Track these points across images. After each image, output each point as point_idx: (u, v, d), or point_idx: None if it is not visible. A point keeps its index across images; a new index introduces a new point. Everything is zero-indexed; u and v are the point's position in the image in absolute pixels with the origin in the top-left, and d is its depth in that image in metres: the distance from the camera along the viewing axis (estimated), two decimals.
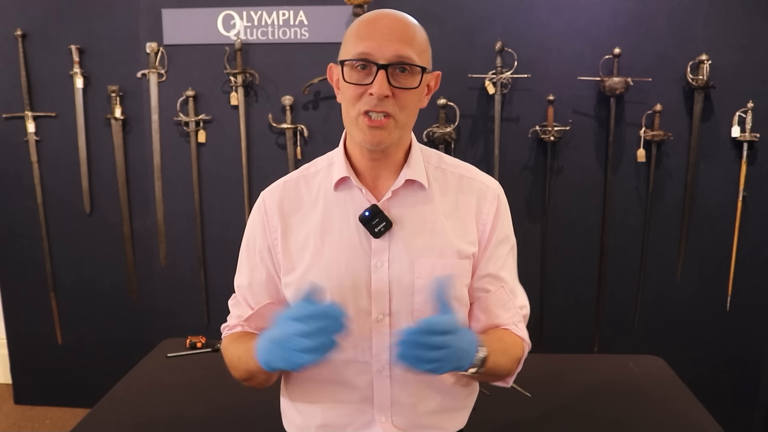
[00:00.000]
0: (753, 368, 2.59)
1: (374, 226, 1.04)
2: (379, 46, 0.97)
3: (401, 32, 0.99)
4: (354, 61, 0.98)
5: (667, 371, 1.91)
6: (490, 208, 1.09)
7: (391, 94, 0.97)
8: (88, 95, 2.64)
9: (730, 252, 2.49)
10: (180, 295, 2.77)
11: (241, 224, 2.67)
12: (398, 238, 1.06)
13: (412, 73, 0.99)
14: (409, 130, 1.07)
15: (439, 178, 1.10)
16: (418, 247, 1.05)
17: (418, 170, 1.07)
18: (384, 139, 1.00)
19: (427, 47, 1.04)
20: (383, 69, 0.96)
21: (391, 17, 1.00)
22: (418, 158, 1.09)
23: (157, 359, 1.99)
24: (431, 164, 1.11)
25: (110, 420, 1.60)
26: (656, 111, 2.38)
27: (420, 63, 0.99)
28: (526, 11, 2.42)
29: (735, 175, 2.44)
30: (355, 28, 1.01)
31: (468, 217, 1.09)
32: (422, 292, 1.04)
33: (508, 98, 2.46)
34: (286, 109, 2.52)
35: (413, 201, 1.08)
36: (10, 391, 2.98)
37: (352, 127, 1.03)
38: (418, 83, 1.00)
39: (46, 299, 2.83)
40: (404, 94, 0.99)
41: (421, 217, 1.07)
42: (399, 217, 1.06)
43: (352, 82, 0.99)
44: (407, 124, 1.04)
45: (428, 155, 1.13)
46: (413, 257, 1.05)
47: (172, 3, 2.53)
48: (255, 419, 1.62)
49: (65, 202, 2.74)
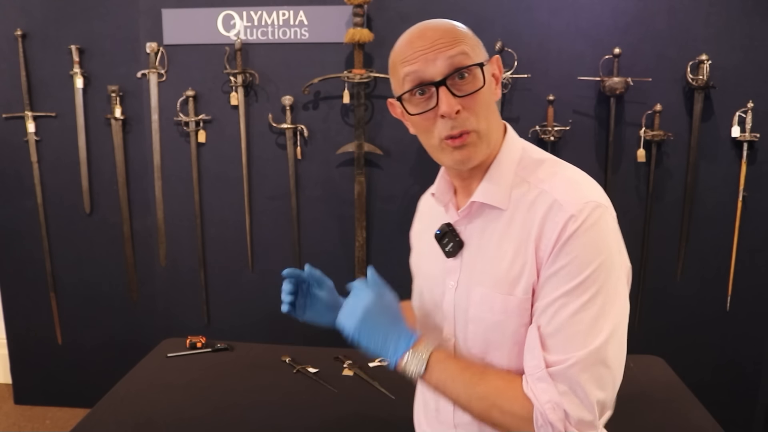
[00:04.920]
0: (753, 368, 2.58)
1: (445, 245, 1.01)
2: (425, 63, 0.89)
3: (441, 39, 0.90)
4: (409, 91, 0.92)
5: (667, 371, 1.91)
6: (554, 230, 0.87)
7: (461, 107, 0.89)
8: (88, 95, 2.64)
9: (730, 252, 2.49)
10: (180, 295, 2.77)
11: (241, 224, 2.69)
12: (467, 260, 0.99)
13: (472, 74, 0.90)
14: (495, 134, 0.96)
15: (524, 194, 0.93)
16: (478, 273, 0.97)
17: (492, 188, 0.95)
18: (473, 156, 0.93)
19: (474, 38, 0.95)
20: (442, 85, 0.88)
21: (423, 29, 0.93)
22: (500, 172, 0.96)
23: (157, 359, 2.00)
24: (521, 176, 0.95)
25: (110, 420, 1.60)
26: (656, 111, 2.38)
27: (475, 60, 0.91)
28: (526, 11, 2.42)
29: (735, 175, 2.43)
30: (395, 57, 0.96)
31: (528, 241, 0.90)
32: (474, 322, 0.97)
33: (508, 98, 2.46)
34: (286, 109, 2.52)
35: (486, 220, 0.97)
36: (10, 391, 2.98)
37: (438, 155, 0.96)
38: (482, 82, 0.91)
39: (46, 299, 2.83)
40: (474, 100, 0.90)
41: (489, 240, 0.96)
42: (470, 238, 0.99)
43: (418, 113, 0.93)
44: (490, 129, 0.94)
45: (526, 164, 0.97)
46: (472, 284, 0.98)
47: (172, 3, 2.53)
48: (255, 419, 1.62)
49: (65, 202, 2.75)
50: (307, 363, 1.93)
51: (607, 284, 0.86)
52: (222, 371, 1.90)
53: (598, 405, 0.86)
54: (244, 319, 2.75)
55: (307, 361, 1.94)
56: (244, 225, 2.67)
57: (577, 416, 0.85)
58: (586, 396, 0.85)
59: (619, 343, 0.89)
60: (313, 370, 1.90)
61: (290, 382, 1.83)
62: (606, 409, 0.89)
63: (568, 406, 0.85)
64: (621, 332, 0.89)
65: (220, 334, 2.61)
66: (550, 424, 0.86)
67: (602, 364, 0.86)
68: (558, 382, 0.86)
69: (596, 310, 0.85)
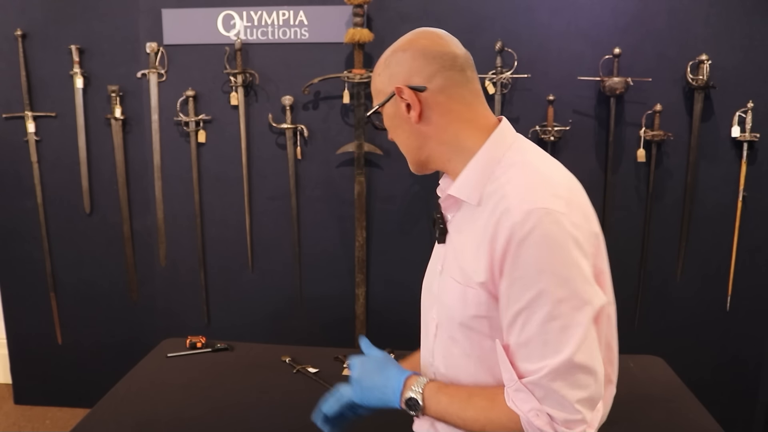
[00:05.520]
0: (753, 368, 2.58)
1: (435, 231, 1.08)
2: None
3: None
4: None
5: (667, 371, 1.91)
6: (502, 234, 0.88)
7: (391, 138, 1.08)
8: (88, 95, 2.64)
9: (730, 252, 2.49)
10: (180, 295, 2.77)
11: (241, 224, 2.69)
12: (449, 247, 1.04)
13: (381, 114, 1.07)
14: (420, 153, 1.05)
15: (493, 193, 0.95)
16: (450, 260, 1.03)
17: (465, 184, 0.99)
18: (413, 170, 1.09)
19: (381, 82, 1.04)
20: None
21: None
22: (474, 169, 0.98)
23: (157, 359, 1.99)
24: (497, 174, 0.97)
25: (110, 420, 1.60)
26: (656, 111, 2.38)
27: (378, 100, 1.05)
28: (526, 11, 2.42)
29: (735, 175, 2.43)
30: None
31: (484, 240, 0.92)
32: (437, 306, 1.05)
33: (508, 98, 2.46)
34: (286, 109, 2.52)
35: (464, 213, 1.02)
36: (10, 391, 2.98)
37: None
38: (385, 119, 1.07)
39: (46, 299, 2.83)
40: (389, 132, 1.08)
41: (462, 231, 1.01)
42: (452, 227, 1.05)
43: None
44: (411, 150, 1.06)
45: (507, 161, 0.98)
46: (447, 270, 1.03)
47: (172, 3, 2.53)
48: (255, 419, 1.62)
49: (65, 202, 2.75)
50: (307, 363, 1.93)
51: (567, 290, 0.86)
52: (222, 371, 1.90)
53: (581, 403, 0.87)
54: (244, 319, 2.75)
55: (307, 361, 1.94)
56: (244, 225, 2.67)
57: (562, 418, 0.87)
58: (565, 399, 0.87)
59: (592, 345, 0.88)
60: (313, 370, 1.90)
61: (290, 382, 1.83)
62: (594, 403, 0.89)
63: (550, 411, 0.87)
64: (592, 337, 0.88)
65: (220, 334, 2.61)
66: (538, 429, 0.88)
67: (577, 369, 0.86)
68: (535, 391, 0.88)
69: (563, 320, 0.86)
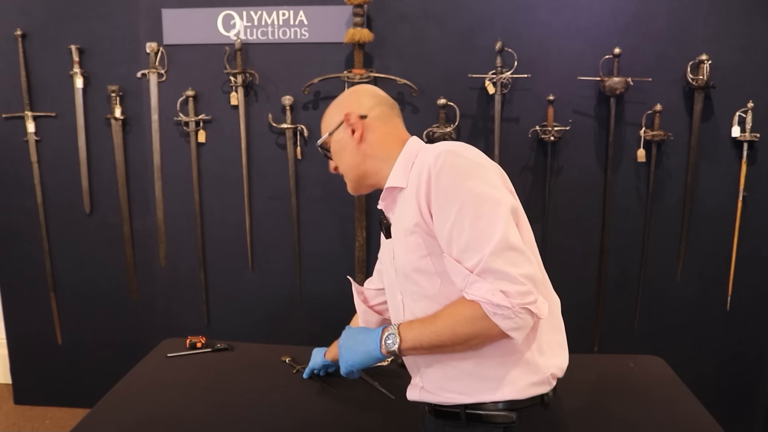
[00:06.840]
0: (753, 368, 2.58)
1: (383, 231, 1.28)
2: None
3: None
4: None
5: (667, 371, 1.91)
6: (423, 177, 1.09)
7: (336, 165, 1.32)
8: (88, 95, 2.64)
9: (730, 252, 2.49)
10: (180, 295, 2.77)
11: (241, 224, 2.69)
12: (393, 233, 1.25)
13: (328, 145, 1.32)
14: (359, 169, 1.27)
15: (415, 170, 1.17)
16: (394, 234, 1.23)
17: (394, 176, 1.21)
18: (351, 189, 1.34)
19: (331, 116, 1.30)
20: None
21: None
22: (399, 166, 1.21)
23: (157, 359, 1.99)
24: (417, 162, 1.18)
25: (110, 420, 1.60)
26: (656, 111, 2.38)
27: (322, 142, 1.32)
28: (526, 11, 2.42)
29: (735, 175, 2.44)
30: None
31: (412, 196, 1.14)
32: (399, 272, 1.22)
33: (508, 98, 2.46)
34: (286, 109, 2.52)
35: (399, 199, 1.22)
36: (10, 391, 2.98)
37: None
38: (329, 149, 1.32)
39: (46, 299, 2.83)
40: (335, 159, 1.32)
41: (399, 208, 1.21)
42: (394, 220, 1.24)
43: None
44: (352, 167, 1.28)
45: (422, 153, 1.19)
46: (395, 254, 1.22)
47: (172, 3, 2.53)
48: (255, 419, 1.62)
49: (65, 202, 2.75)
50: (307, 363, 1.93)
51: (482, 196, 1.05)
52: (222, 371, 1.90)
53: (524, 277, 1.01)
54: (244, 319, 2.75)
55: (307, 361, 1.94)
56: (244, 225, 2.67)
57: (514, 290, 1.00)
58: (510, 275, 1.00)
59: (516, 232, 1.05)
60: None
61: (290, 382, 1.83)
62: (535, 279, 1.03)
63: (502, 286, 1.01)
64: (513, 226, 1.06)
65: (220, 334, 2.61)
66: (497, 306, 1.01)
67: (509, 249, 1.02)
68: (485, 276, 1.02)
69: (487, 217, 1.04)
